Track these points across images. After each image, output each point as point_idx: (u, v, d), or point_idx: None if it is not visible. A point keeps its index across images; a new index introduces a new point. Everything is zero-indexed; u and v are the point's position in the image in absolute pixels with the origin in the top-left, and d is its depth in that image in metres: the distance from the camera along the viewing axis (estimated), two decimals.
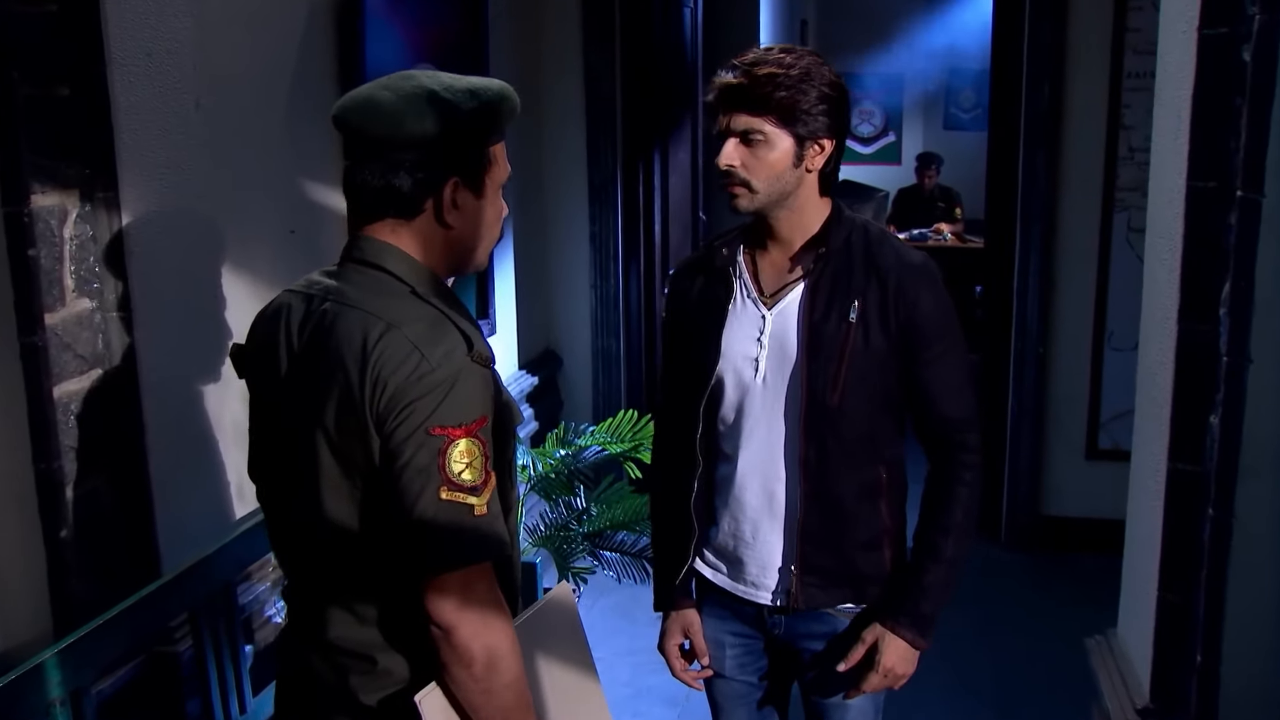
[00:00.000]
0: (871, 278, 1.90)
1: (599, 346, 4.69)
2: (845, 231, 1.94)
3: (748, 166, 1.86)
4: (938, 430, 1.97)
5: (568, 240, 4.62)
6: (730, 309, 1.97)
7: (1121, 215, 4.24)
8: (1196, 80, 1.99)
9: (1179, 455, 2.08)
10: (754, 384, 1.94)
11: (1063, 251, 4.32)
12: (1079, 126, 4.23)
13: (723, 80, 1.87)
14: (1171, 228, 2.10)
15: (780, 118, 1.83)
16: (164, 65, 2.22)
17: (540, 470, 3.38)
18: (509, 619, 1.49)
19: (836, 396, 1.88)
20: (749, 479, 1.98)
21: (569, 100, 4.50)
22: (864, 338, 1.88)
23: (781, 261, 1.96)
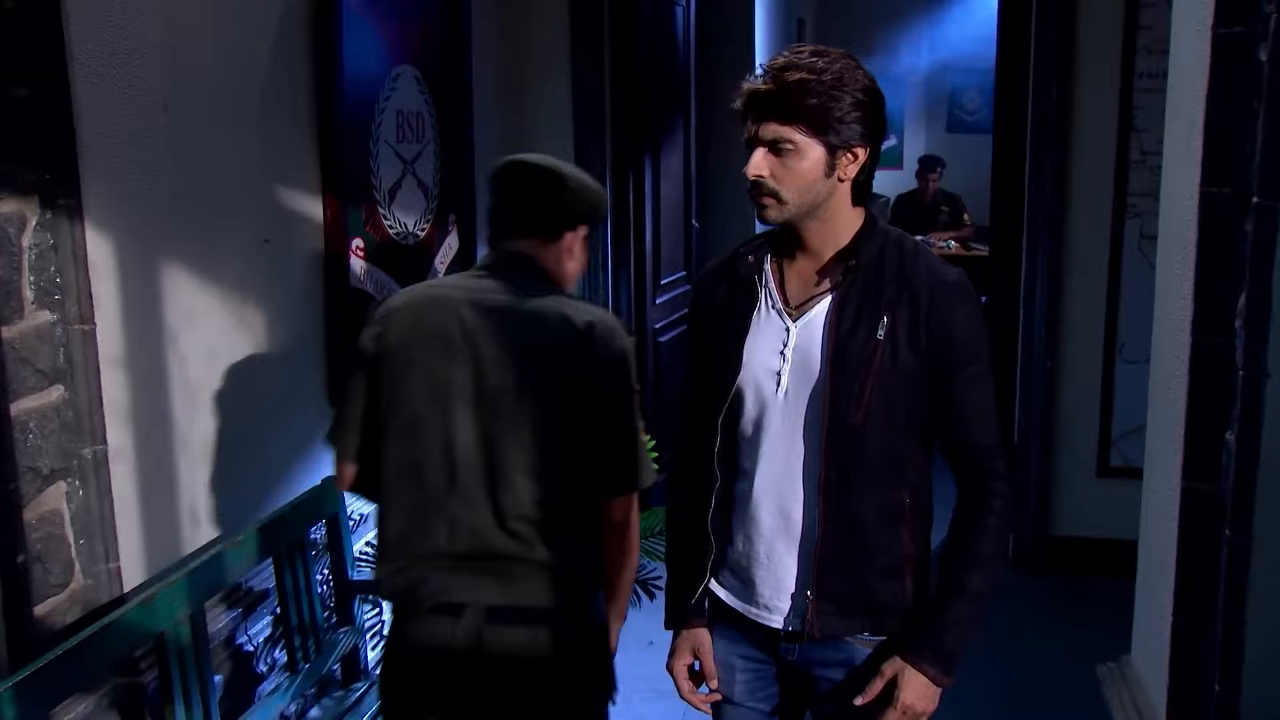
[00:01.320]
0: (903, 293, 1.90)
1: None
2: (877, 244, 1.94)
3: (777, 176, 1.86)
4: (967, 456, 1.97)
5: None
6: (754, 319, 1.97)
7: (1133, 222, 4.24)
8: (1210, 81, 1.99)
9: (1193, 473, 2.08)
10: (774, 399, 1.94)
11: (1072, 260, 4.32)
12: (1088, 129, 4.24)
13: (751, 86, 1.86)
14: (1184, 236, 2.10)
15: (811, 126, 1.83)
16: (129, 65, 2.21)
17: None
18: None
19: (860, 416, 1.88)
20: (764, 497, 1.98)
21: (555, 103, 4.50)
22: (892, 356, 1.88)
23: (809, 272, 1.96)
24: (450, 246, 3.65)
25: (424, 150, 3.45)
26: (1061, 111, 4.23)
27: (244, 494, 2.62)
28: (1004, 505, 1.96)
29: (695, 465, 2.05)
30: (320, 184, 2.88)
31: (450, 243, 3.65)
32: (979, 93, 9.30)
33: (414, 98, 3.37)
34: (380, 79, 3.16)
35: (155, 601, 2.15)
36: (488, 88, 4.01)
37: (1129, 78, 4.16)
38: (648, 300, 4.83)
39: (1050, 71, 4.22)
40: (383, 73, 3.17)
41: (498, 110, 4.17)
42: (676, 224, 5.20)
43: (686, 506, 2.08)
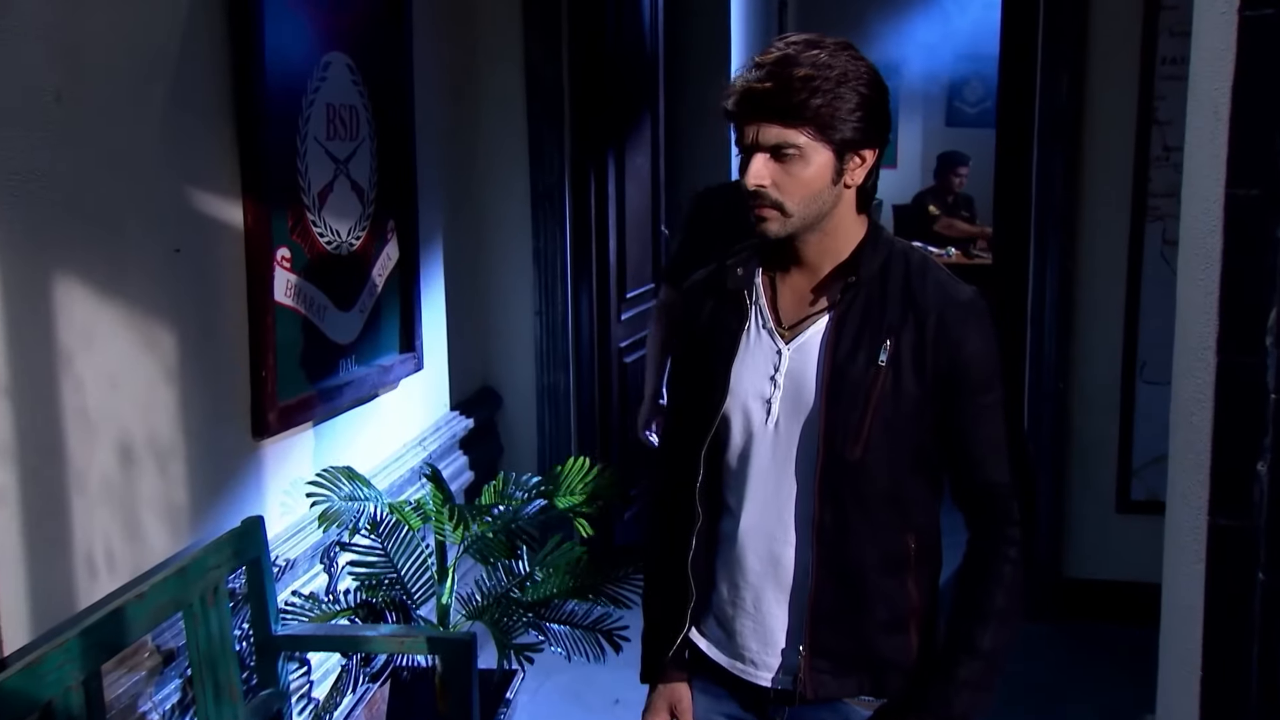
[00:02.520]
0: (908, 314, 1.91)
1: (545, 383, 4.69)
2: (881, 257, 1.95)
3: (780, 186, 1.86)
4: (979, 497, 1.97)
5: (507, 259, 4.62)
6: (742, 339, 1.98)
7: (1155, 226, 4.27)
8: (1237, 70, 1.99)
9: (1221, 509, 2.07)
10: (764, 428, 1.95)
11: (1085, 269, 4.35)
12: (1104, 121, 4.27)
13: (746, 84, 1.86)
14: (1208, 243, 2.10)
15: (818, 128, 1.83)
16: (12, 48, 2.18)
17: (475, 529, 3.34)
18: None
19: (859, 450, 1.89)
20: (751, 538, 1.98)
21: (507, 96, 4.51)
22: (894, 383, 1.89)
23: (805, 288, 1.97)
24: (389, 257, 3.64)
25: (359, 149, 3.43)
26: (1073, 102, 4.26)
27: (150, 538, 2.59)
28: (1021, 554, 1.97)
29: (674, 503, 2.05)
30: (239, 186, 2.86)
31: (389, 253, 3.64)
32: (982, 82, 9.36)
33: (347, 89, 3.35)
34: (308, 68, 3.14)
35: (42, 665, 2.10)
36: (431, 79, 4.01)
37: (1150, 64, 4.19)
38: (611, 316, 4.83)
39: (1061, 57, 4.25)
40: (311, 61, 3.15)
41: (442, 104, 4.17)
42: (643, 231, 5.22)
43: (666, 546, 2.08)
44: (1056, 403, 4.40)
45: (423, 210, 3.86)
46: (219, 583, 2.63)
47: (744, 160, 1.89)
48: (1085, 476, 4.46)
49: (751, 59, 1.88)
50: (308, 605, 3.00)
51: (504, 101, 4.52)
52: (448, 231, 4.22)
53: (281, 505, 3.07)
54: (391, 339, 3.71)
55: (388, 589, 3.18)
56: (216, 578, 2.62)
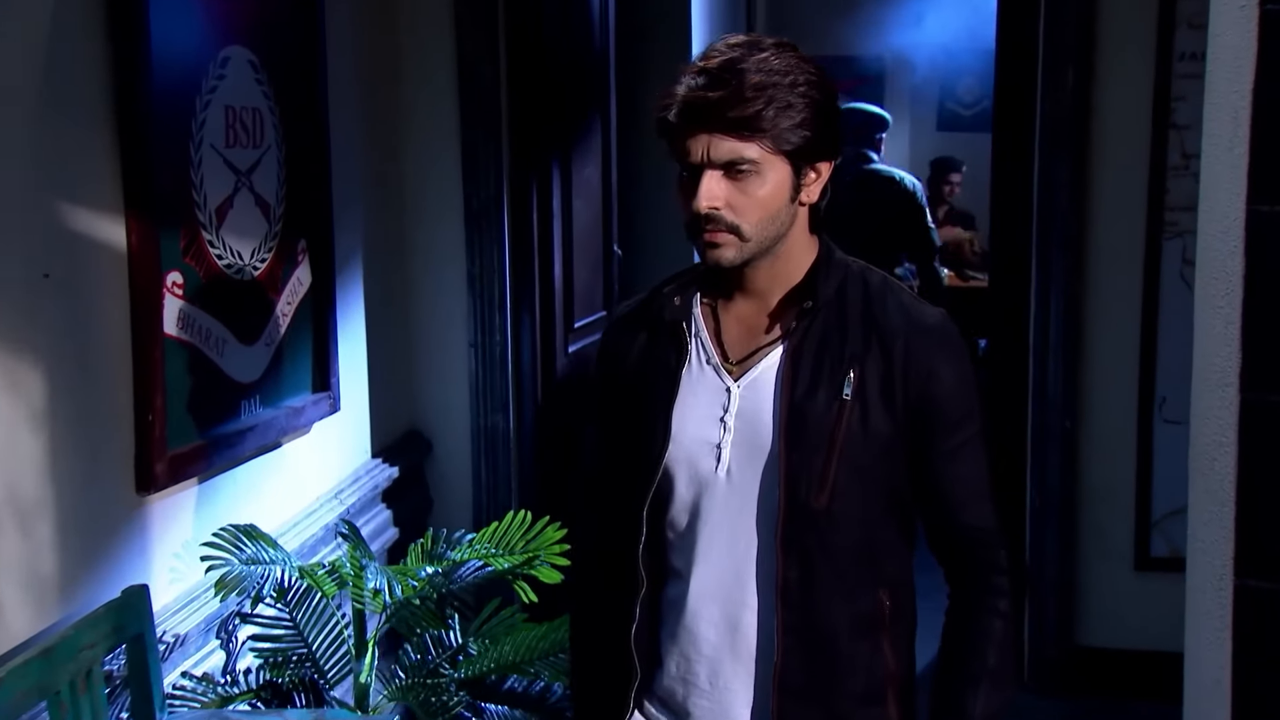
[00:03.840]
0: (871, 341, 1.93)
1: (482, 425, 4.66)
2: (837, 279, 1.97)
3: (735, 206, 1.88)
4: (960, 545, 2.00)
5: (437, 283, 4.60)
6: (683, 378, 1.99)
7: (1173, 244, 4.29)
8: (1258, 70, 2.00)
9: (1248, 568, 2.08)
10: (714, 479, 1.96)
11: (1095, 292, 4.37)
12: (1115, 125, 4.29)
13: (691, 92, 1.87)
14: (1228, 265, 2.11)
15: (773, 140, 1.86)
16: None
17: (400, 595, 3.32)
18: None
19: (824, 497, 1.91)
20: (705, 605, 1.98)
21: (437, 98, 4.50)
22: (862, 420, 1.91)
23: (754, 317, 1.99)
24: (300, 282, 3.62)
25: (264, 157, 3.41)
26: (1079, 103, 4.28)
27: (9, 614, 2.54)
28: (1010, 606, 1.98)
29: (609, 568, 2.05)
30: (122, 201, 2.83)
31: (300, 278, 3.62)
32: (978, 80, 9.42)
33: (249, 89, 3.34)
34: (202, 64, 3.12)
35: None
36: (348, 77, 4.00)
37: (1166, 60, 4.22)
38: (557, 348, 4.83)
39: (1065, 51, 4.27)
40: (206, 56, 3.13)
41: (361, 106, 4.16)
42: (594, 251, 5.23)
43: (599, 620, 2.08)
44: (1064, 445, 4.41)
45: (339, 229, 3.84)
46: (93, 665, 2.59)
47: (689, 179, 1.89)
48: (1098, 529, 4.47)
49: (691, 64, 1.90)
50: (201, 688, 2.96)
51: (434, 104, 4.51)
52: (369, 253, 4.19)
53: (171, 571, 3.03)
54: (302, 377, 3.68)
55: (296, 667, 3.14)
56: (90, 659, 2.58)
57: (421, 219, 4.59)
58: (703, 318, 2.00)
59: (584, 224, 5.08)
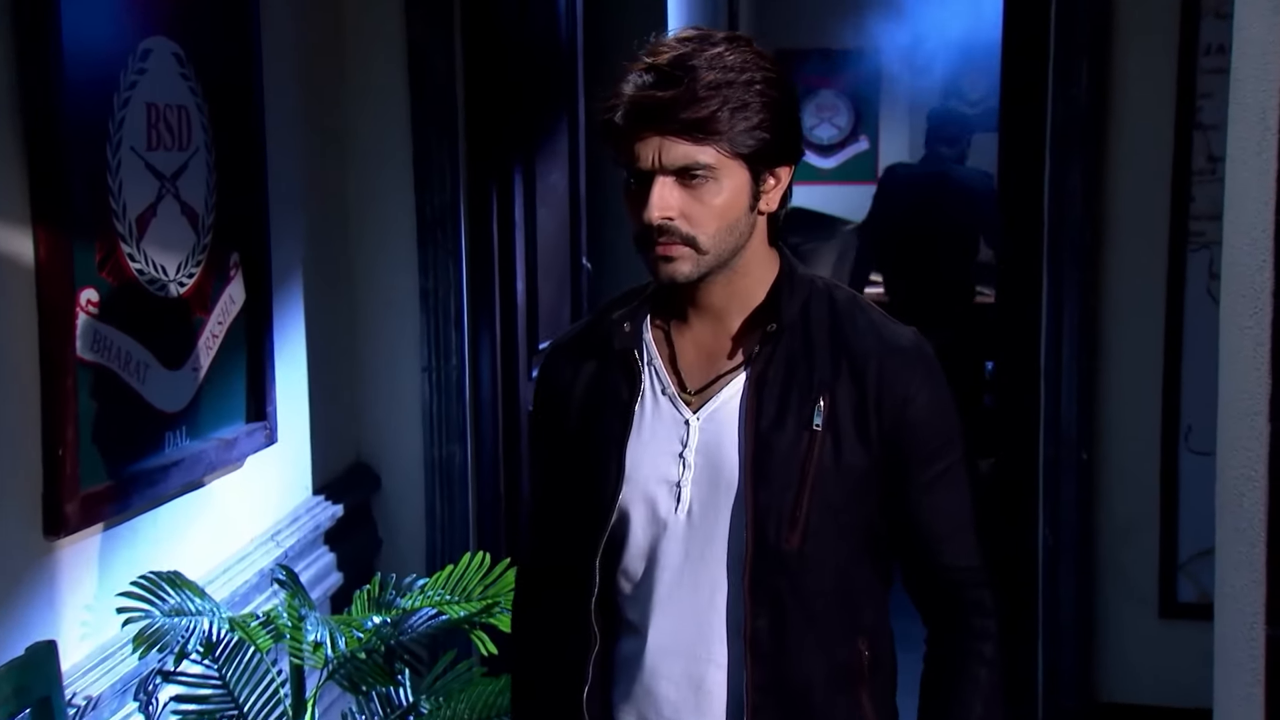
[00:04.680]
0: (842, 364, 1.95)
1: (436, 457, 4.65)
2: (801, 298, 1.99)
3: (690, 216, 1.89)
4: (942, 586, 2.02)
5: (386, 301, 4.59)
6: (636, 412, 2.00)
7: (1199, 256, 4.30)
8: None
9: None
10: (674, 521, 1.97)
11: (1113, 310, 4.37)
12: (1134, 125, 4.30)
13: (638, 92, 1.89)
14: (1255, 280, 2.11)
15: (731, 143, 1.87)
16: None
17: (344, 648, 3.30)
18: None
19: (796, 538, 1.92)
20: (665, 662, 1.99)
21: (386, 96, 4.50)
22: (834, 452, 1.93)
23: (711, 341, 2.01)
24: (232, 300, 3.61)
25: (191, 161, 3.40)
26: (1095, 101, 4.28)
27: None
28: (996, 651, 2.00)
29: (556, 623, 2.05)
30: (29, 210, 2.80)
31: (232, 295, 3.61)
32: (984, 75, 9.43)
33: (174, 85, 3.32)
34: (120, 56, 3.10)
35: None
36: (286, 71, 4.00)
37: (1191, 53, 4.22)
38: (520, 373, 4.82)
39: (1079, 44, 4.27)
40: (124, 47, 3.12)
41: (302, 104, 4.16)
42: (560, 265, 5.24)
43: (545, 682, 2.09)
44: (1080, 478, 4.41)
45: (276, 240, 3.82)
46: None
47: (638, 187, 1.90)
48: (1119, 571, 4.46)
49: (637, 60, 1.92)
50: None
51: (382, 101, 4.50)
52: (310, 267, 4.18)
53: (83, 625, 3.00)
54: (235, 405, 3.66)
55: None
56: None
57: (369, 229, 4.57)
58: (655, 344, 2.01)
59: (549, 235, 5.08)
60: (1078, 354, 4.36)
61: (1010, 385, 4.61)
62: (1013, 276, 4.57)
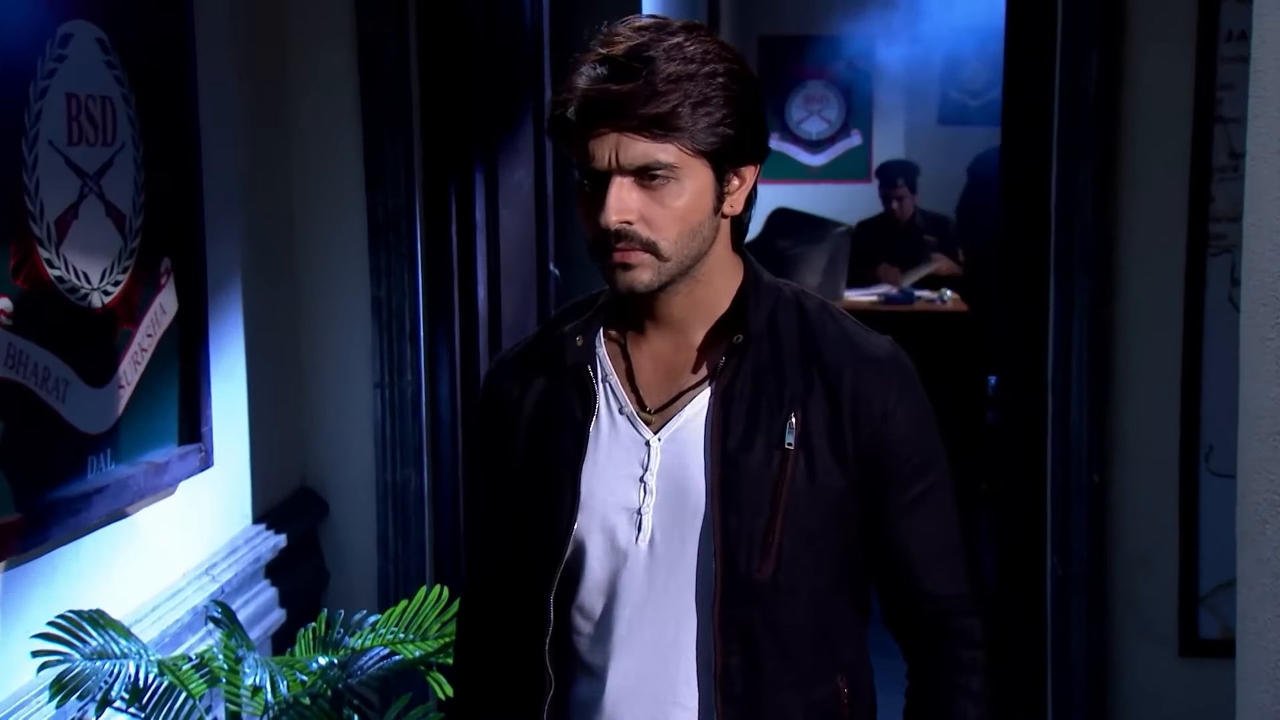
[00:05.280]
0: (814, 377, 1.97)
1: (389, 481, 4.64)
2: (768, 306, 2.00)
3: (651, 220, 1.91)
4: (924, 617, 2.04)
5: (334, 310, 4.59)
6: (592, 433, 2.02)
7: (1220, 261, 4.30)
8: None
9: None
10: (635, 551, 1.99)
11: (1126, 319, 4.37)
12: (1148, 118, 4.30)
13: (592, 85, 1.90)
14: (1277, 288, 2.10)
15: (693, 140, 1.89)
16: None
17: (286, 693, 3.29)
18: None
19: (769, 566, 1.95)
20: (627, 707, 2.00)
21: (332, 84, 4.49)
22: (808, 473, 1.95)
23: (672, 354, 2.03)
24: (164, 310, 3.59)
25: (117, 157, 3.38)
26: (1106, 92, 4.28)
27: None
28: (985, 685, 2.03)
29: (505, 666, 2.08)
30: None
31: (164, 304, 3.59)
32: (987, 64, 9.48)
33: (97, 74, 3.30)
34: (37, 42, 3.08)
35: None
36: (225, 61, 3.98)
37: (1210, 40, 4.23)
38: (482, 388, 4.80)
39: (1089, 31, 4.27)
40: (41, 32, 3.09)
41: (241, 96, 4.15)
42: (525, 269, 5.25)
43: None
44: (1091, 503, 4.40)
45: (212, 244, 3.80)
46: None
47: (592, 188, 1.91)
48: (1134, 604, 4.46)
49: (589, 50, 1.92)
50: None
51: (330, 93, 4.50)
52: (250, 274, 4.17)
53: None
54: (166, 425, 3.64)
55: None
56: None
57: (315, 232, 4.57)
58: (610, 358, 2.03)
59: (513, 238, 5.07)
60: (1088, 367, 4.36)
61: (1015, 401, 4.61)
62: (1017, 283, 4.57)
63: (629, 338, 2.03)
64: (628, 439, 1.99)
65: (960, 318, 7.70)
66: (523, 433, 2.06)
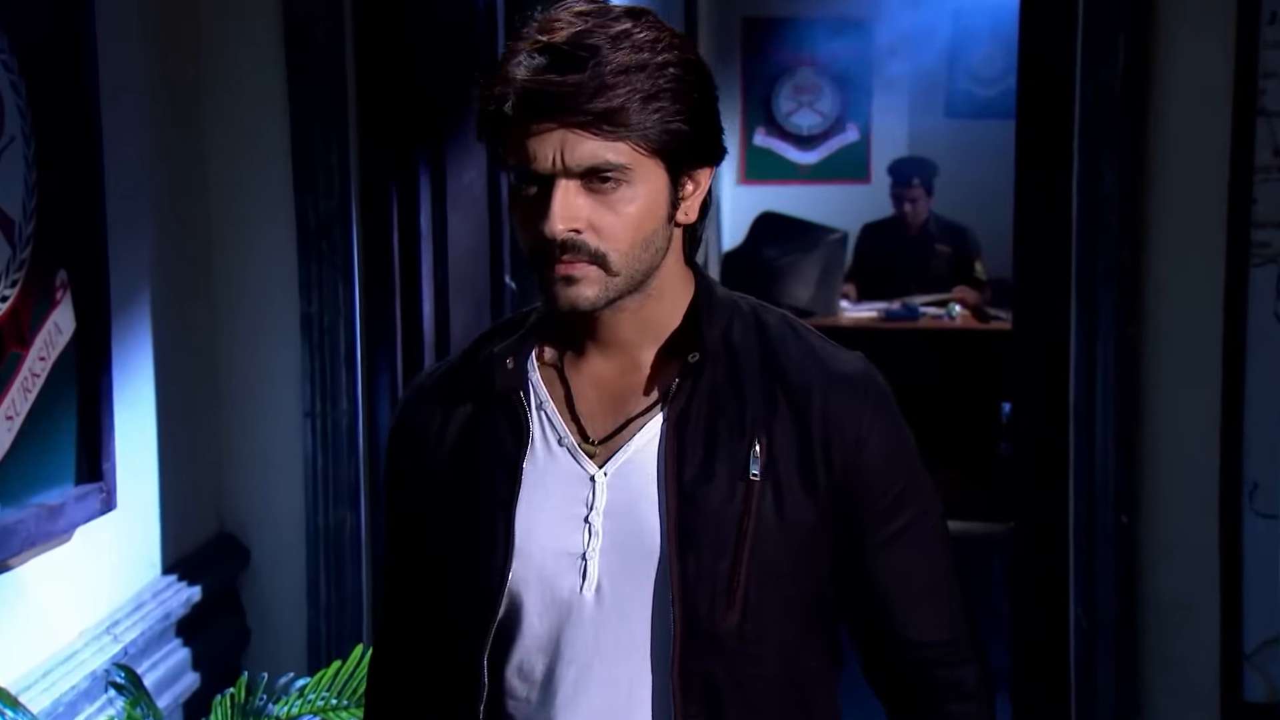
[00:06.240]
0: (778, 399, 2.00)
1: (321, 524, 4.62)
2: (723, 322, 2.02)
3: (600, 228, 1.93)
4: (907, 668, 2.07)
5: (258, 329, 4.57)
6: (526, 468, 2.02)
7: (1264, 272, 4.28)
8: None
9: None
10: (579, 602, 2.01)
11: (1157, 338, 4.35)
12: (1181, 112, 4.29)
13: (532, 76, 1.90)
14: None
15: (645, 139, 1.92)
16: None
17: None
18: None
19: (734, 614, 1.97)
20: None
21: (258, 74, 4.49)
22: (776, 507, 1.98)
23: (617, 378, 2.05)
24: (58, 329, 3.58)
25: (4, 154, 3.38)
26: (1134, 82, 4.27)
27: None
28: None
29: None
30: None
31: (58, 322, 3.58)
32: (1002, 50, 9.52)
33: None
34: None
35: None
36: (131, 46, 3.97)
37: (1252, 23, 4.20)
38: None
39: (1115, 12, 4.26)
40: None
41: (151, 87, 4.14)
42: (477, 282, 5.25)
43: None
44: (1119, 546, 4.38)
45: (116, 255, 3.78)
46: None
47: (533, 193, 1.92)
48: (1169, 662, 4.44)
49: (523, 37, 1.92)
50: None
51: (253, 82, 4.49)
52: (161, 288, 4.15)
53: None
54: (62, 463, 3.62)
55: None
56: None
57: (236, 241, 4.55)
58: (546, 383, 2.04)
59: (464, 246, 5.08)
60: (1114, 392, 4.34)
61: (1032, 431, 4.61)
62: (1034, 298, 4.57)
63: (567, 359, 2.04)
64: (568, 474, 1.99)
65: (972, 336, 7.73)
66: (444, 469, 2.06)
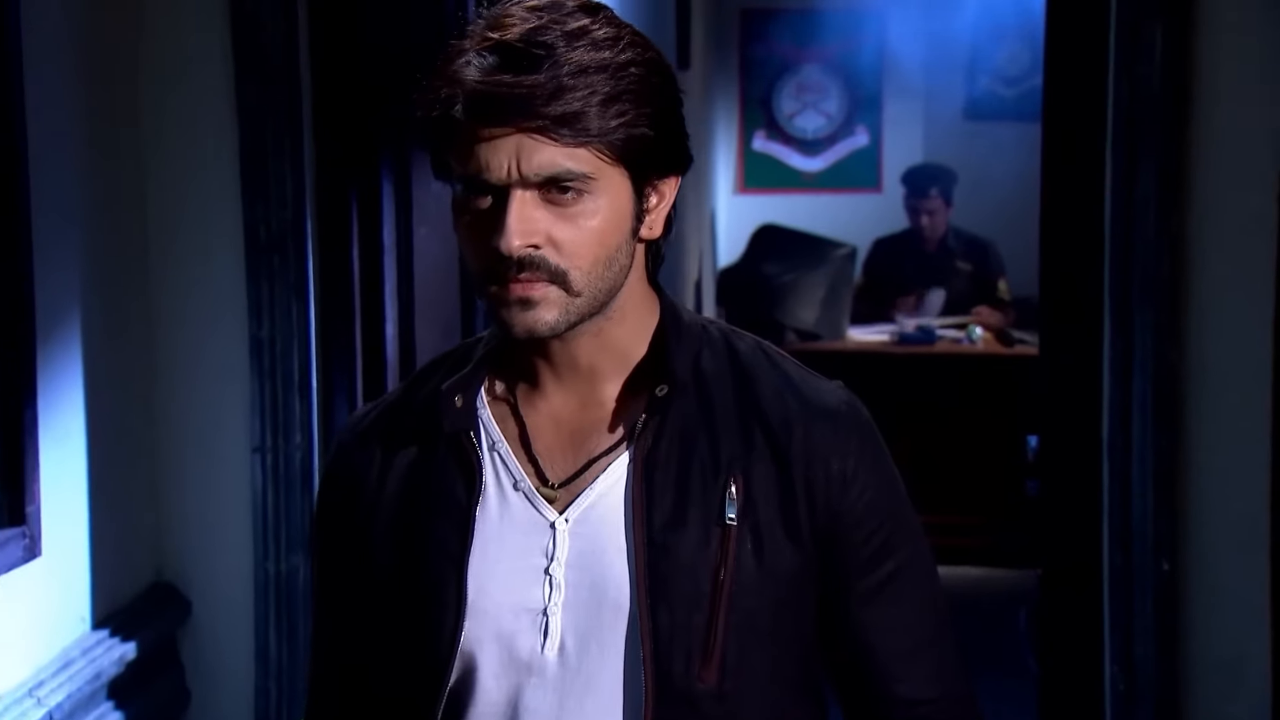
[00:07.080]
0: (755, 435, 2.02)
1: (271, 572, 4.60)
2: (692, 349, 2.03)
3: (560, 245, 1.94)
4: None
5: (201, 355, 4.56)
6: (478, 517, 2.04)
7: None
8: None
9: None
10: (541, 663, 2.03)
11: (1201, 363, 4.33)
12: (1226, 110, 4.28)
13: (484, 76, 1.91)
14: None
15: (608, 145, 1.94)
16: None
17: None
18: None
19: (711, 673, 1.98)
20: None
21: (203, 75, 4.48)
22: (755, 554, 1.99)
23: (578, 414, 2.07)
24: None
25: None
26: (1174, 79, 4.26)
27: None
28: None
29: None
30: None
31: None
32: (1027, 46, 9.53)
33: None
34: None
35: None
36: (60, 39, 3.96)
37: None
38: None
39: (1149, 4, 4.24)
40: None
41: (82, 83, 4.13)
42: (447, 302, 5.25)
43: None
44: (1160, 596, 4.36)
45: (43, 273, 3.77)
46: None
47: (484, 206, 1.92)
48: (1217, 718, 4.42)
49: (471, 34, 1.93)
50: None
51: (197, 81, 4.48)
52: (93, 313, 4.13)
53: None
54: None
55: None
56: None
57: (177, 256, 4.54)
58: (498, 421, 2.04)
59: (432, 262, 5.07)
60: (1153, 425, 4.33)
61: (1062, 467, 4.59)
62: (1062, 320, 4.56)
63: (520, 394, 2.04)
64: (525, 522, 1.99)
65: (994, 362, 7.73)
66: (384, 519, 2.05)
